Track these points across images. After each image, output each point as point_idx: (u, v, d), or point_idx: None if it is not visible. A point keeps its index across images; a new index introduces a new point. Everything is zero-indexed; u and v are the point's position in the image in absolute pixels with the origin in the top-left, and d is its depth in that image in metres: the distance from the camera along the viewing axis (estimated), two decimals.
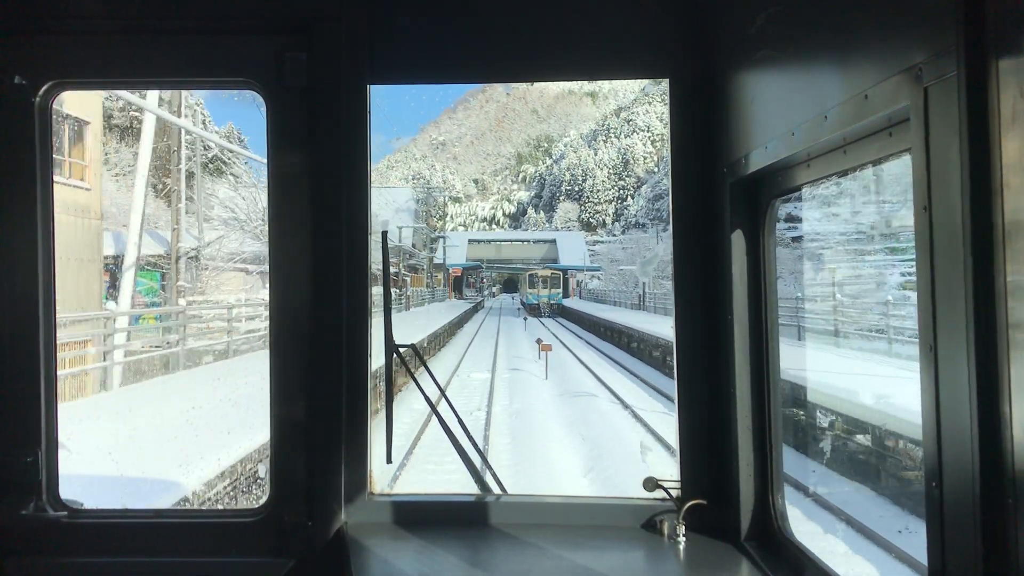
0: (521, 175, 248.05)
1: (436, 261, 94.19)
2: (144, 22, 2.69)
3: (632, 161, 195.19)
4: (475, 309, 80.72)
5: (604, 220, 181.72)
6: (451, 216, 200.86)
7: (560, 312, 79.10)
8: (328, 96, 2.67)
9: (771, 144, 2.17)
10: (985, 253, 1.30)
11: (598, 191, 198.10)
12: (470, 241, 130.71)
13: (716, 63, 2.65)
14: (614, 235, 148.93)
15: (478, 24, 2.87)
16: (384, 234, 3.04)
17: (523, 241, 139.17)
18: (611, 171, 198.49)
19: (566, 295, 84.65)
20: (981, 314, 1.30)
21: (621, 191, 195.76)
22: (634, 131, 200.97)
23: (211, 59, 2.73)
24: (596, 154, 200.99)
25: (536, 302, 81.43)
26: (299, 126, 2.66)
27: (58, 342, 2.76)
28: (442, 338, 38.01)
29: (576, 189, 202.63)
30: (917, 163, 1.46)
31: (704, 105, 2.71)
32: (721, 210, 2.60)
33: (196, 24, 2.69)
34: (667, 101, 2.81)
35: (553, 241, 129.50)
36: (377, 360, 2.84)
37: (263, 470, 9.94)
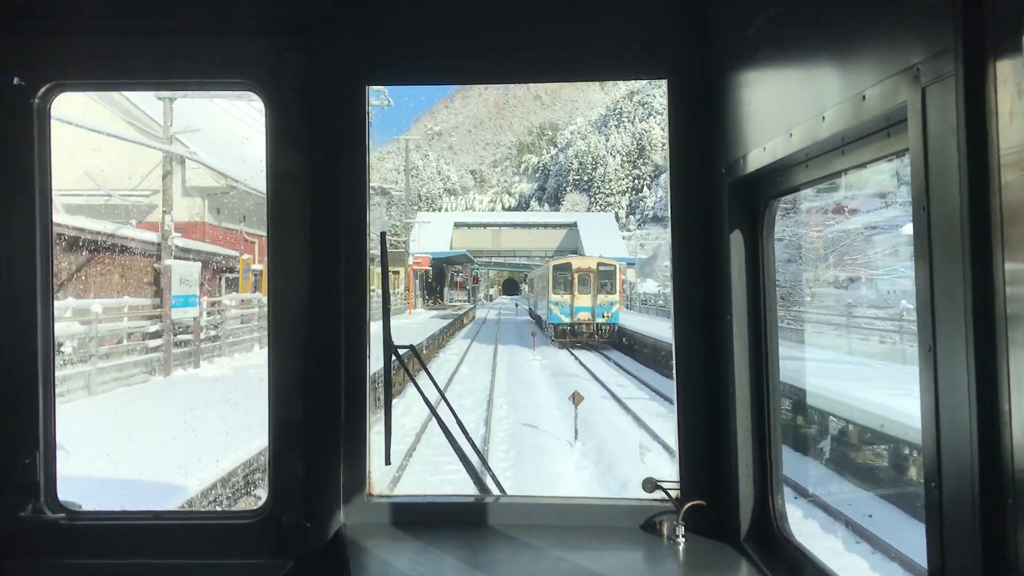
0: (523, 165, 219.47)
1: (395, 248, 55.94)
2: (143, 23, 2.74)
3: (649, 147, 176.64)
4: (452, 328, 43.03)
5: (617, 213, 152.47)
6: (446, 209, 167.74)
7: (609, 337, 40.96)
8: (326, 97, 2.73)
9: (769, 144, 2.21)
10: (983, 253, 1.31)
11: (610, 181, 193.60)
12: (456, 225, 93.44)
13: (715, 64, 2.70)
14: (628, 230, 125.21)
15: (476, 25, 2.91)
16: (383, 235, 3.10)
17: (531, 226, 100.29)
18: (625, 158, 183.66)
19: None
20: (980, 314, 1.32)
21: (636, 181, 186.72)
22: (650, 114, 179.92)
23: (210, 60, 2.78)
24: (608, 140, 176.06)
25: (568, 321, 43.06)
26: (298, 127, 2.71)
27: (56, 343, 2.81)
28: None
29: (585, 179, 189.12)
30: (915, 163, 1.49)
31: (703, 106, 2.75)
32: (720, 210, 2.64)
33: (195, 26, 2.75)
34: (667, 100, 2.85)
35: (573, 225, 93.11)
36: (376, 361, 2.89)
37: None
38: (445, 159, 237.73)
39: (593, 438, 17.95)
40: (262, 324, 27.18)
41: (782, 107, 2.16)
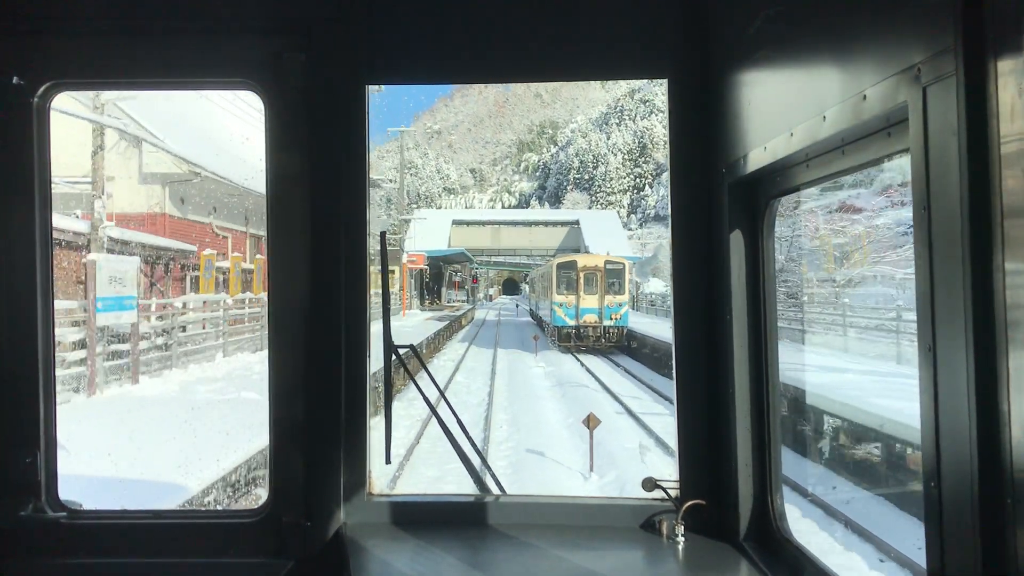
0: (523, 164, 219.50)
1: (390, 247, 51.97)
2: (143, 23, 2.73)
3: (651, 145, 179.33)
4: (449, 331, 39.85)
5: (619, 212, 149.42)
6: (445, 208, 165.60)
7: (616, 341, 37.35)
8: (326, 97, 2.72)
9: (770, 144, 2.21)
10: (984, 253, 1.32)
11: (611, 179, 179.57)
12: (455, 222, 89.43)
13: (715, 63, 2.70)
14: (630, 229, 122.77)
15: (476, 25, 2.90)
16: (383, 234, 3.08)
17: (532, 223, 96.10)
18: (626, 156, 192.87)
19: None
20: (980, 314, 1.33)
21: (638, 179, 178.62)
22: (652, 112, 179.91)
23: (210, 60, 2.77)
24: (608, 138, 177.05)
25: (573, 324, 39.58)
26: (297, 127, 2.70)
27: (56, 342, 2.83)
28: None
29: (586, 177, 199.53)
30: (916, 163, 1.49)
31: (703, 105, 2.75)
32: (720, 210, 2.63)
33: (195, 25, 2.74)
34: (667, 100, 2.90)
35: (575, 223, 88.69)
36: (376, 361, 2.88)
37: None
38: (445, 158, 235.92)
39: (612, 468, 14.75)
40: (230, 329, 24.08)
41: (782, 107, 2.16)
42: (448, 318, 48.94)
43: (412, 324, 39.52)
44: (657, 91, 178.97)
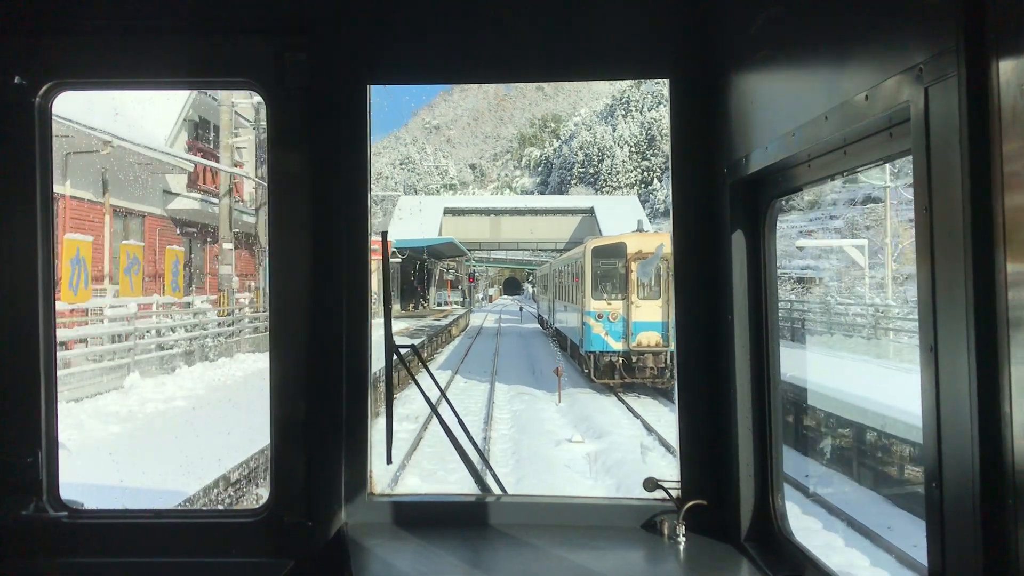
0: (524, 159, 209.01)
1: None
2: (144, 22, 2.77)
3: (659, 137, 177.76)
4: (428, 349, 25.25)
5: None
6: None
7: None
8: (328, 96, 2.76)
9: (772, 144, 2.25)
10: (985, 253, 1.33)
11: (617, 173, 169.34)
12: (447, 211, 74.42)
13: (717, 63, 2.74)
14: None
15: (477, 24, 2.92)
16: (384, 234, 3.04)
17: (538, 212, 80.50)
18: (633, 149, 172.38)
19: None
20: (981, 314, 1.34)
21: (645, 173, 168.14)
22: (659, 102, 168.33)
23: (211, 59, 2.80)
24: (614, 130, 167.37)
25: (620, 348, 24.14)
26: (299, 126, 2.74)
27: (58, 342, 2.83)
28: None
29: (591, 172, 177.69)
30: (917, 164, 1.50)
31: (705, 105, 2.79)
32: (722, 210, 2.67)
33: (196, 24, 2.79)
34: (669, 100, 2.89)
35: (590, 211, 73.09)
36: (377, 360, 2.91)
37: None
38: (443, 153, 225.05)
39: None
40: None
41: (784, 107, 2.19)
42: (430, 330, 34.71)
43: None
44: (664, 80, 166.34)
